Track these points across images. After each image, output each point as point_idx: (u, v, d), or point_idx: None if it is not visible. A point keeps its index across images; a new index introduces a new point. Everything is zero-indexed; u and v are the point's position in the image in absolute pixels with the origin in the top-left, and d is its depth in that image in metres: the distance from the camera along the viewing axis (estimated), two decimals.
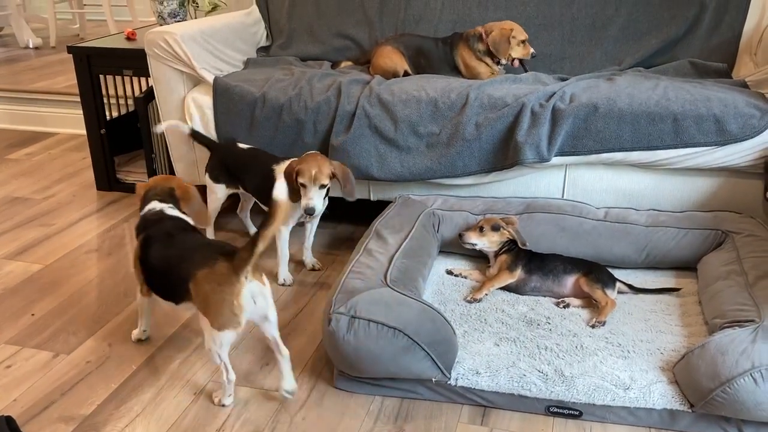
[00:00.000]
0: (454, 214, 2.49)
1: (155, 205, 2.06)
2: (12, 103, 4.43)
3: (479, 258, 2.47)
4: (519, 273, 2.25)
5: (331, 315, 1.84)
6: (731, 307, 1.93)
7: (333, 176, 2.30)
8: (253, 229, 2.85)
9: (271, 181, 2.39)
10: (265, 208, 2.47)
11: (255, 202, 2.70)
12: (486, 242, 2.33)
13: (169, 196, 2.10)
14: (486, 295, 2.23)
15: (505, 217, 2.38)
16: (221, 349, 1.78)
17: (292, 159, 2.41)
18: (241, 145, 2.63)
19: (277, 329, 1.84)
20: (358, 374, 1.87)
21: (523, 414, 1.83)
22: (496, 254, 2.33)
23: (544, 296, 2.25)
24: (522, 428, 1.78)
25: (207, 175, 2.63)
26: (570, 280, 2.23)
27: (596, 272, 2.22)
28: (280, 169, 2.42)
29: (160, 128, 2.67)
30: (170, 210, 2.05)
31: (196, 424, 1.82)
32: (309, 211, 2.27)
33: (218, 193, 2.63)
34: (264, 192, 2.44)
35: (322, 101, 2.60)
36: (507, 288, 2.28)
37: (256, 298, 1.75)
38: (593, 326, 2.06)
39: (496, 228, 2.32)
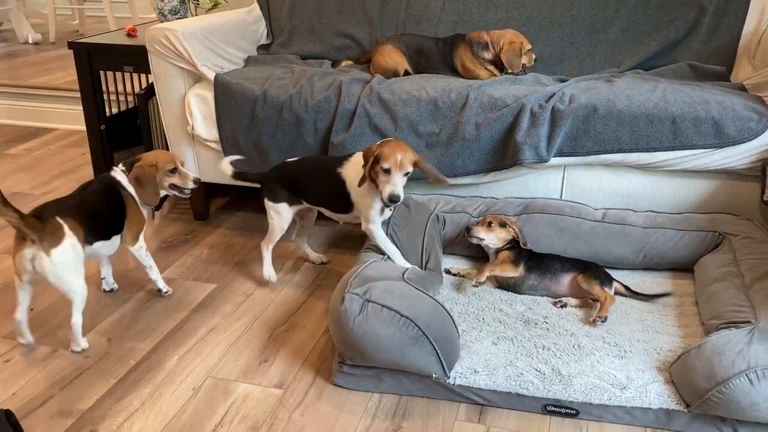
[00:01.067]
0: (455, 215, 2.50)
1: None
2: (11, 98, 4.43)
3: (479, 258, 2.48)
4: (521, 269, 2.27)
5: (346, 294, 1.85)
6: (728, 309, 1.94)
7: (416, 164, 2.13)
8: (313, 255, 2.66)
9: (339, 186, 2.27)
10: (335, 217, 2.42)
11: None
12: (494, 237, 2.34)
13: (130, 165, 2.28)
14: (488, 277, 2.26)
15: (507, 216, 2.40)
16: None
17: (357, 152, 2.27)
18: (290, 160, 2.47)
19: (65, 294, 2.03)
20: (360, 360, 1.88)
21: (520, 412, 1.84)
22: (497, 252, 2.34)
23: (542, 295, 2.26)
24: (519, 427, 1.79)
25: (266, 199, 2.42)
26: (567, 279, 2.24)
27: (593, 270, 2.24)
28: (347, 171, 2.26)
29: (227, 167, 2.48)
30: (117, 174, 2.27)
31: (194, 419, 1.83)
32: (394, 199, 2.08)
33: (283, 212, 2.41)
34: (333, 200, 2.33)
35: (322, 99, 2.61)
36: (505, 286, 2.29)
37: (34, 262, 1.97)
38: (594, 321, 2.07)
39: (503, 224, 2.34)
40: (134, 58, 3.10)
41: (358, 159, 2.23)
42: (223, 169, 2.48)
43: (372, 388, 1.92)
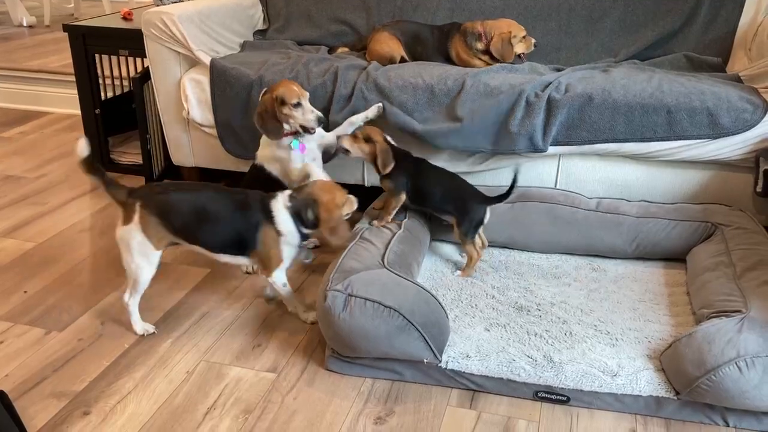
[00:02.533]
0: None
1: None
2: (5, 81, 4.41)
3: None
4: (403, 197, 2.31)
5: (327, 292, 1.86)
6: (719, 298, 1.96)
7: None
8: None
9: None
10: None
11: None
12: (357, 150, 2.32)
13: (304, 206, 2.02)
14: (388, 221, 2.31)
15: (377, 133, 2.33)
16: None
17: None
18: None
19: None
20: (350, 353, 1.89)
21: (511, 398, 1.85)
22: (381, 178, 2.34)
23: None
24: (510, 412, 1.81)
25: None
26: (447, 216, 2.34)
27: (465, 224, 2.28)
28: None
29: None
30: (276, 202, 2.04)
31: (187, 402, 1.83)
32: (321, 120, 2.27)
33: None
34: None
35: (318, 85, 2.60)
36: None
37: None
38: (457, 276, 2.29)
39: (368, 140, 2.31)
40: (130, 41, 3.09)
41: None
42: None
43: (364, 373, 1.94)
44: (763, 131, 2.32)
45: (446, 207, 2.32)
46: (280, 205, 2.02)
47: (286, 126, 2.28)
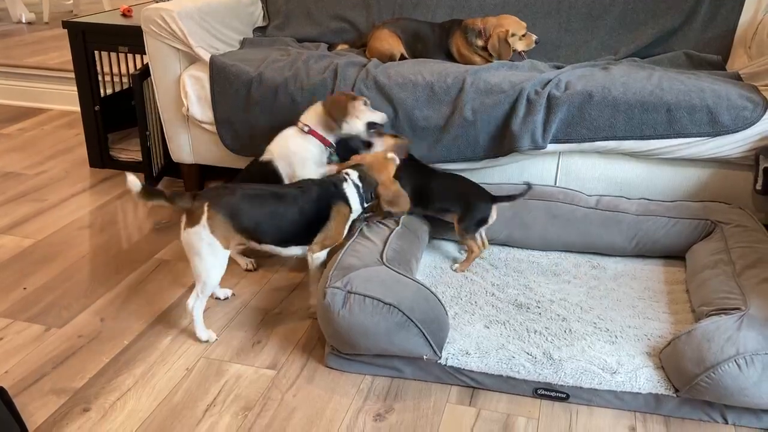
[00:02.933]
0: None
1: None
2: (4, 78, 4.40)
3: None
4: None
5: (327, 289, 1.86)
6: (718, 296, 1.96)
7: None
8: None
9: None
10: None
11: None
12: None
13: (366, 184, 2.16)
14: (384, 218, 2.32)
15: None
16: None
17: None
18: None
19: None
20: (349, 350, 1.89)
21: (511, 396, 1.86)
22: None
23: None
24: (509, 410, 1.81)
25: None
26: (449, 216, 2.35)
27: (467, 221, 2.29)
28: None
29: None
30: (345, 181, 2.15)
31: (187, 398, 1.84)
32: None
33: None
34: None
35: (318, 82, 2.60)
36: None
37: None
38: (455, 270, 2.30)
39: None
40: (129, 38, 3.09)
41: (285, 132, 2.44)
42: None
43: (364, 370, 1.94)
44: (763, 129, 2.32)
45: (451, 208, 2.33)
46: (350, 183, 2.14)
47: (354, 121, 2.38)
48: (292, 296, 2.32)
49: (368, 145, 2.40)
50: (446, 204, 2.33)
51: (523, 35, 2.79)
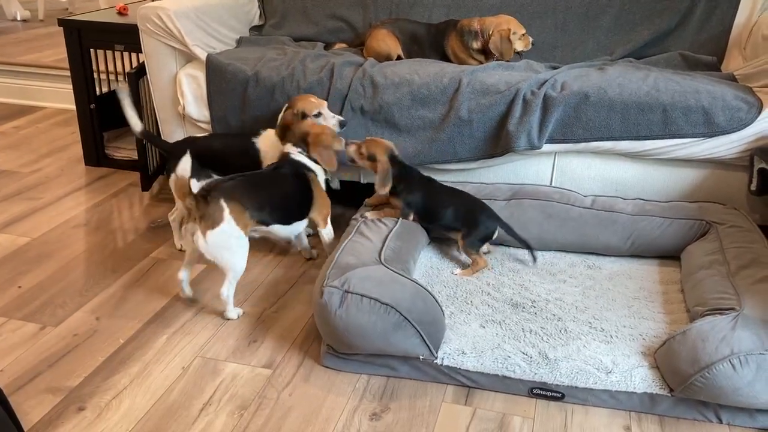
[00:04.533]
0: None
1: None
2: None
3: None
4: (412, 217, 2.37)
5: (324, 288, 1.86)
6: (713, 296, 1.97)
7: None
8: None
9: (254, 157, 2.51)
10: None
11: None
12: (360, 163, 2.36)
13: (301, 141, 2.32)
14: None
15: (383, 149, 2.34)
16: None
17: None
18: (199, 135, 2.63)
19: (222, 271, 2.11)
20: (346, 350, 1.89)
21: (506, 395, 1.86)
22: (390, 194, 2.36)
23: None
24: (505, 409, 1.81)
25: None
26: (453, 234, 2.37)
27: (471, 237, 2.31)
28: (262, 141, 2.53)
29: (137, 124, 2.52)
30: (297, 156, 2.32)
31: (183, 398, 1.83)
32: (343, 123, 2.47)
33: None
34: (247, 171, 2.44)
35: (314, 82, 2.60)
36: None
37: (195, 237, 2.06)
38: (455, 275, 2.30)
39: (371, 158, 2.33)
40: (125, 36, 3.08)
41: (270, 133, 2.49)
42: (132, 124, 2.50)
43: (360, 369, 1.94)
44: (758, 130, 2.33)
45: (455, 225, 2.34)
46: (294, 152, 2.31)
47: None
48: (288, 295, 2.32)
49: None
50: (452, 222, 2.34)
51: (522, 35, 2.80)
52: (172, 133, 2.88)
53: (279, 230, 2.25)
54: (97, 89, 3.33)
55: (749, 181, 2.38)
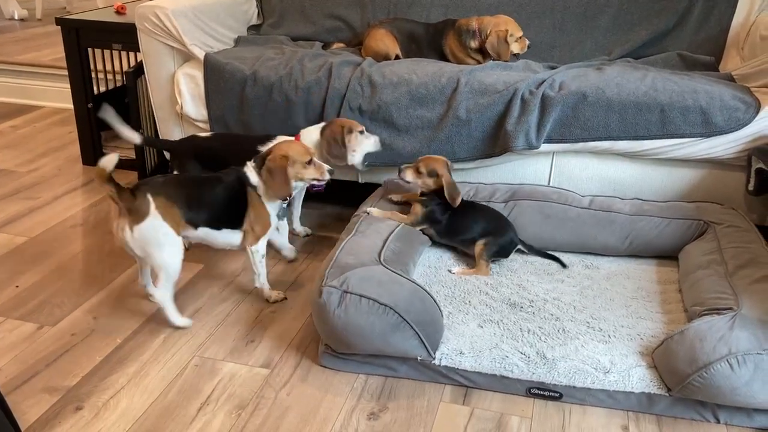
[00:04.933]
0: None
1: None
2: None
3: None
4: (425, 226, 2.37)
5: (323, 288, 1.86)
6: (710, 296, 1.97)
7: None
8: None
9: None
10: None
11: None
12: (420, 183, 2.34)
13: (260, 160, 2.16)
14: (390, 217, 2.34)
15: (442, 164, 2.32)
16: None
17: (279, 135, 2.43)
18: (202, 134, 2.55)
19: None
20: (345, 349, 1.89)
21: (504, 395, 1.86)
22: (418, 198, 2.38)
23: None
24: (503, 409, 1.81)
25: (175, 173, 2.51)
26: (473, 247, 2.33)
27: (492, 249, 2.31)
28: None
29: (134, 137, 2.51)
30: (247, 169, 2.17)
31: (180, 397, 1.83)
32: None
33: None
34: None
35: (312, 81, 2.60)
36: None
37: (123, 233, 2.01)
38: (453, 272, 2.29)
39: (432, 174, 2.31)
40: (123, 35, 3.08)
41: (278, 140, 2.38)
42: (129, 138, 2.49)
43: (358, 369, 1.94)
44: (756, 130, 2.33)
45: (479, 236, 2.32)
46: (249, 167, 2.15)
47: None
48: (286, 294, 2.31)
49: None
50: (477, 235, 2.32)
51: (519, 38, 2.80)
52: (171, 132, 2.88)
53: (210, 236, 2.14)
54: (95, 89, 3.32)
55: (747, 181, 2.38)
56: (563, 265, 2.36)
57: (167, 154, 2.68)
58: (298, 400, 1.83)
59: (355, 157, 2.43)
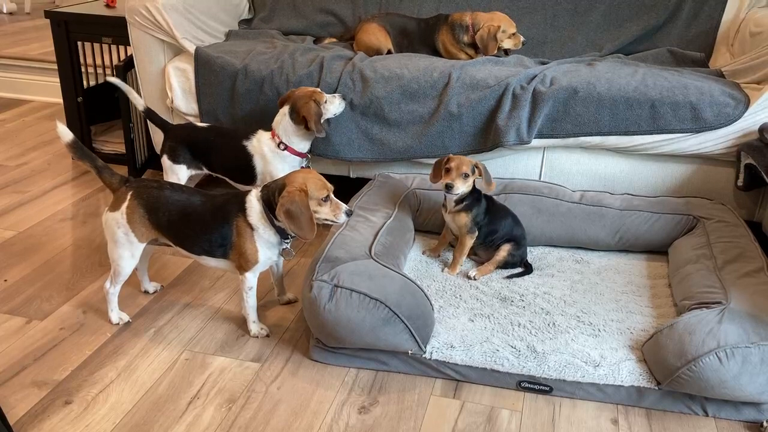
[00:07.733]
0: (431, 193, 2.51)
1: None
2: None
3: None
4: (475, 235, 2.30)
5: (314, 282, 1.85)
6: (700, 290, 1.98)
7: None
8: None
9: (245, 158, 2.43)
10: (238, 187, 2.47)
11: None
12: (466, 187, 2.20)
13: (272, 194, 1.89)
14: (461, 266, 2.30)
15: (468, 160, 2.22)
16: None
17: (262, 130, 2.46)
18: (198, 124, 2.58)
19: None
20: (335, 344, 1.89)
21: (494, 388, 1.86)
22: (455, 210, 2.26)
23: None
24: (493, 402, 1.82)
25: (165, 157, 2.51)
26: (497, 250, 2.31)
27: (518, 250, 2.30)
28: (253, 144, 2.43)
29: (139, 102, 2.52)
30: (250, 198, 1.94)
31: (170, 391, 1.83)
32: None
33: (180, 175, 2.50)
34: (238, 170, 2.47)
35: (304, 75, 2.59)
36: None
37: None
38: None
39: (473, 170, 2.20)
40: (113, 29, 3.06)
41: (264, 135, 2.43)
42: (136, 103, 2.49)
43: (348, 363, 1.94)
44: (745, 126, 2.34)
45: (506, 238, 2.30)
46: (253, 196, 1.92)
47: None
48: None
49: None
50: (505, 236, 2.30)
51: (513, 34, 2.80)
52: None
53: (196, 259, 2.02)
54: (85, 82, 3.30)
55: (736, 176, 2.40)
56: (528, 271, 2.32)
57: (157, 150, 2.68)
58: (289, 394, 1.83)
59: (327, 115, 2.46)
